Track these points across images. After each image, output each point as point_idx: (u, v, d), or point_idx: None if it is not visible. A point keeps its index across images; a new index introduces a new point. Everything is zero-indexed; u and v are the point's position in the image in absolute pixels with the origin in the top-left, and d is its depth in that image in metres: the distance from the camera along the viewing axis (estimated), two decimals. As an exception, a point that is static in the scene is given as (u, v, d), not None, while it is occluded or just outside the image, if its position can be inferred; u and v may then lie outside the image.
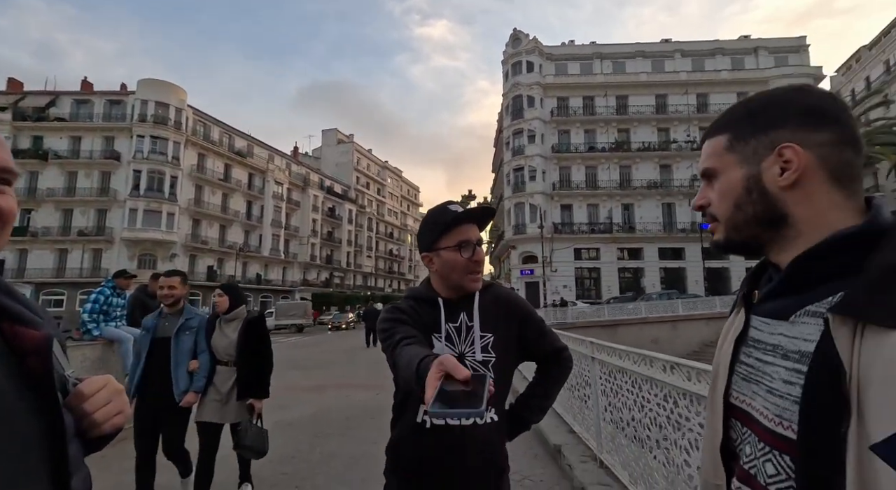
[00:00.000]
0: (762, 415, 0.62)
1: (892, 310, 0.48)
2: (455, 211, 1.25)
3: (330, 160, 64.96)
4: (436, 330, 1.24)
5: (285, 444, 4.82)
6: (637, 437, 2.91)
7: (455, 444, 1.17)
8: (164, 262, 35.66)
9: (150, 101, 36.30)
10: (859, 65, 40.36)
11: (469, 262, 1.23)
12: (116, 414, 0.65)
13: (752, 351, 0.67)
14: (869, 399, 0.48)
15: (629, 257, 35.83)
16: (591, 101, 38.28)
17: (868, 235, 0.56)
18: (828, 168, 0.61)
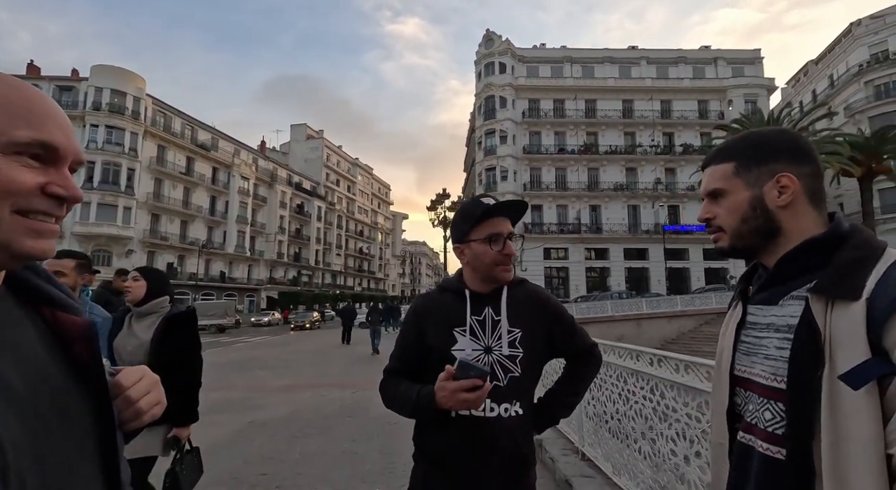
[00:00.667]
0: (761, 377, 0.82)
1: (852, 288, 0.70)
2: (487, 203, 1.27)
3: (299, 156, 63.40)
4: (460, 323, 1.26)
5: (263, 445, 4.69)
6: (621, 430, 3.00)
7: (478, 434, 1.19)
8: (121, 258, 33.83)
9: (105, 89, 34.26)
10: (807, 78, 43.12)
11: (499, 254, 1.25)
12: (156, 403, 0.65)
13: (751, 332, 0.87)
14: (838, 351, 0.68)
15: (596, 257, 36.88)
16: (562, 103, 39.14)
17: (832, 239, 0.79)
18: (808, 193, 0.83)
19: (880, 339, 0.65)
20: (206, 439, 4.85)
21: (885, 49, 34.60)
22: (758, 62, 40.64)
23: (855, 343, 0.67)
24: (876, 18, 36.16)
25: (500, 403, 1.21)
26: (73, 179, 0.54)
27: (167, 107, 39.74)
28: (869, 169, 25.05)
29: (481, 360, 1.23)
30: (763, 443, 0.79)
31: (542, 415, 1.35)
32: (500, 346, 1.24)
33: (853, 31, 36.82)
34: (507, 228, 1.28)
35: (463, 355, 1.21)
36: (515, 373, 1.23)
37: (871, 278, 0.69)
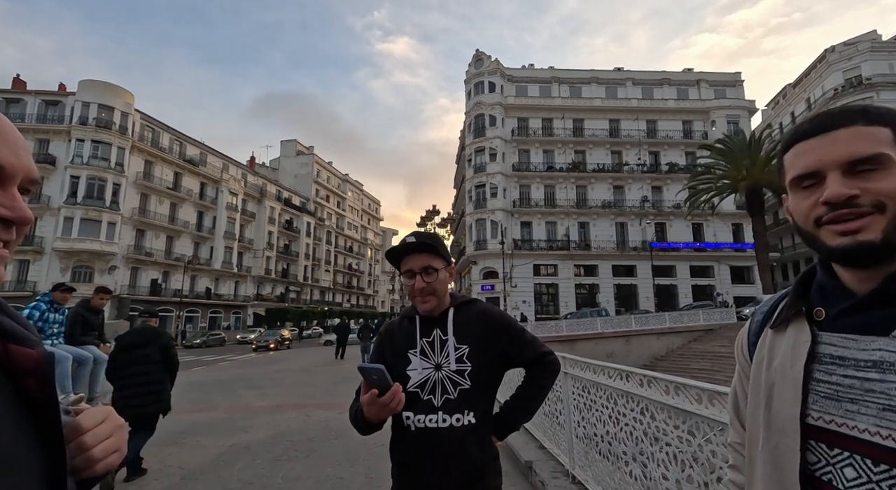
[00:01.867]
0: (877, 435, 0.60)
1: None
2: (400, 244, 1.42)
3: (288, 171, 63.34)
4: (412, 346, 1.42)
5: (244, 469, 4.51)
6: (612, 452, 2.95)
7: (431, 443, 1.32)
8: (103, 274, 33.10)
9: (92, 104, 34.07)
10: (785, 101, 44.68)
11: (412, 288, 1.39)
12: (114, 451, 0.57)
13: (836, 369, 0.66)
14: None
15: (585, 274, 37.07)
16: (550, 122, 39.86)
17: None
18: None
19: None
20: (187, 464, 4.69)
21: (857, 74, 36.10)
22: (739, 85, 42.01)
23: None
24: (849, 45, 37.84)
25: (451, 414, 1.33)
26: (21, 200, 0.50)
27: (155, 122, 39.59)
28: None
29: (430, 378, 1.37)
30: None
31: (501, 421, 1.45)
32: (449, 363, 1.36)
33: (828, 57, 38.41)
34: (419, 264, 1.38)
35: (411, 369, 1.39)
36: (465, 385, 1.34)
37: None
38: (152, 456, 4.98)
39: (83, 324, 4.92)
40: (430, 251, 1.39)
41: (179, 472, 4.48)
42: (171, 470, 4.52)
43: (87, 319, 4.97)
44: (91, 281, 31.37)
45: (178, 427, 6.49)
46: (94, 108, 34.08)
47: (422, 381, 1.36)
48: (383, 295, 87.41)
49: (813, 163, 0.67)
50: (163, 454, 5.04)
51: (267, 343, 28.52)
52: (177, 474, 4.40)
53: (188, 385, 11.66)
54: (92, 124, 33.62)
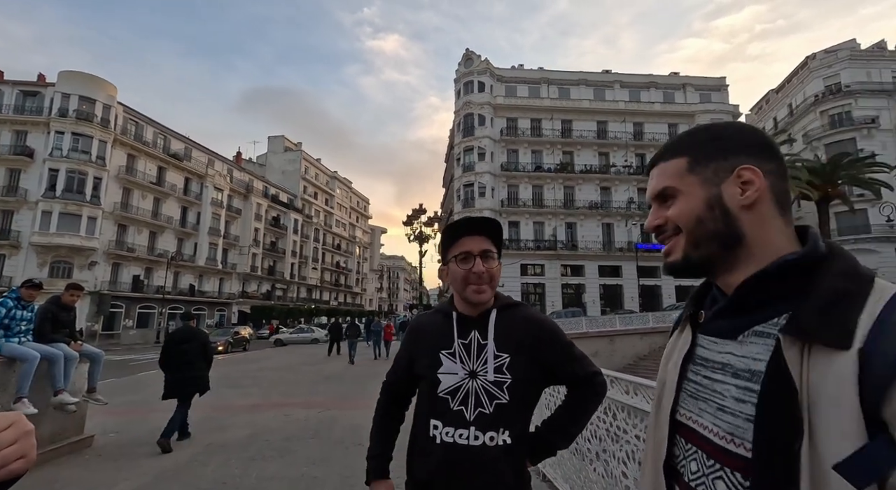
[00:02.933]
0: (712, 432, 0.64)
1: (840, 333, 0.53)
2: (456, 224, 1.30)
3: (276, 168, 62.66)
4: (446, 346, 1.26)
5: (217, 469, 4.47)
6: (578, 450, 3.00)
7: (461, 462, 1.17)
8: (82, 270, 32.40)
9: (72, 95, 33.24)
10: (768, 106, 45.55)
11: (468, 272, 1.24)
12: (19, 458, 0.55)
13: (700, 369, 0.69)
14: (820, 417, 0.51)
15: (571, 274, 37.41)
16: (539, 123, 40.08)
17: (809, 261, 0.61)
18: (775, 194, 0.66)
19: (878, 407, 0.49)
20: (157, 464, 4.63)
21: (837, 81, 36.97)
22: (723, 89, 42.73)
23: (844, 410, 0.50)
24: (830, 53, 38.72)
25: (485, 431, 1.17)
26: None
27: (139, 115, 38.82)
28: (825, 193, 26.43)
29: (464, 387, 1.21)
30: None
31: (537, 445, 1.29)
32: (486, 372, 1.20)
33: (809, 64, 39.27)
34: (480, 247, 1.26)
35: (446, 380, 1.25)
36: (502, 399, 1.18)
37: (862, 320, 0.53)
38: (125, 455, 4.92)
39: (53, 321, 4.82)
40: (490, 235, 1.28)
41: (152, 471, 4.43)
42: (144, 469, 4.47)
43: (57, 316, 4.87)
44: (70, 276, 30.67)
45: (154, 426, 6.39)
46: (75, 100, 33.28)
47: (453, 388, 1.21)
48: (371, 293, 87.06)
49: (647, 198, 0.77)
50: (136, 454, 4.98)
51: (215, 345, 22.15)
52: (149, 474, 4.35)
53: (167, 383, 11.48)
54: (72, 116, 32.82)
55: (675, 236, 0.70)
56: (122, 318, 35.29)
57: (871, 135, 34.54)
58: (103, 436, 5.57)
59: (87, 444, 5.18)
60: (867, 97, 35.51)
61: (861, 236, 32.95)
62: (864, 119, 34.93)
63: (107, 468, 4.51)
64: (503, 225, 30.02)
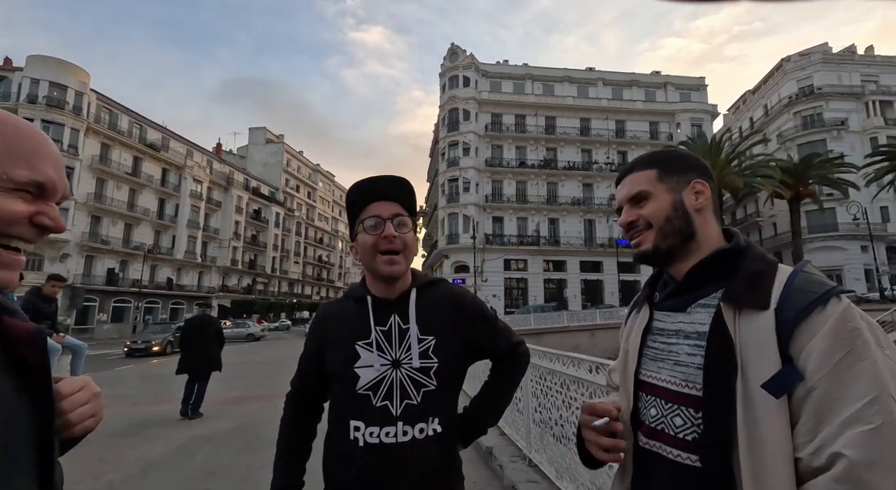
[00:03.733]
0: (670, 382, 0.83)
1: (760, 298, 0.74)
2: (362, 188, 1.16)
3: (257, 160, 61.49)
4: (363, 336, 1.10)
5: (206, 460, 4.49)
6: (564, 435, 3.14)
7: (389, 463, 1.04)
8: (54, 262, 31.36)
9: (42, 81, 31.94)
10: (745, 106, 46.82)
11: (378, 238, 1.09)
12: (91, 416, 0.63)
13: (658, 337, 0.89)
14: (748, 358, 0.72)
15: (554, 269, 37.94)
16: (523, 119, 40.34)
17: (735, 252, 0.84)
18: (712, 205, 0.89)
19: (787, 346, 0.69)
20: (144, 456, 4.62)
21: (810, 84, 38.22)
22: (703, 89, 43.70)
23: (766, 351, 0.70)
24: (803, 56, 39.98)
25: (413, 424, 1.06)
26: (58, 212, 0.60)
27: (113, 103, 37.56)
28: (797, 192, 27.42)
29: (386, 379, 1.07)
30: (673, 449, 0.80)
31: (468, 426, 1.23)
32: (411, 359, 1.08)
33: (784, 67, 40.47)
34: (389, 211, 1.11)
35: (367, 372, 1.08)
36: (430, 386, 1.08)
37: (774, 290, 0.74)
38: (109, 448, 4.88)
39: (34, 312, 4.74)
40: (403, 201, 1.16)
41: (139, 462, 4.42)
42: (131, 461, 4.46)
43: (38, 308, 4.79)
44: (41, 269, 29.65)
45: (138, 419, 6.35)
46: (45, 86, 31.99)
47: (374, 382, 1.07)
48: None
49: (617, 201, 0.98)
50: (121, 446, 4.95)
51: (148, 345, 18.33)
52: (136, 465, 4.34)
53: (147, 377, 11.32)
54: (42, 103, 31.55)
55: (646, 231, 0.89)
56: (96, 311, 34.33)
57: (840, 136, 35.88)
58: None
59: (69, 437, 5.11)
60: (837, 100, 36.84)
61: (830, 234, 34.31)
62: (834, 121, 36.25)
63: (92, 460, 4.47)
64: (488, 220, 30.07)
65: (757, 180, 26.07)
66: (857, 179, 27.79)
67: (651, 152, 0.97)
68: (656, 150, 0.98)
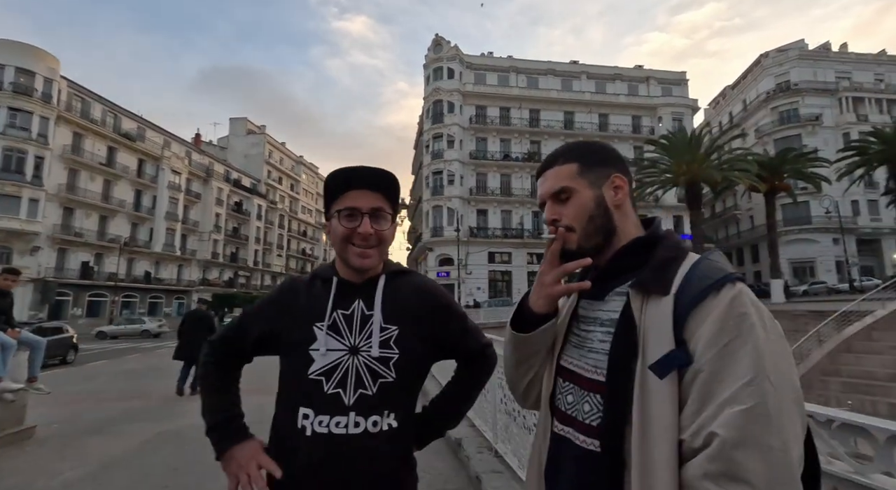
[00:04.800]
0: (584, 369, 0.84)
1: (663, 284, 0.75)
2: (343, 175, 1.10)
3: (238, 151, 60.25)
4: (321, 317, 1.06)
5: (170, 456, 4.40)
6: (525, 425, 3.16)
7: (339, 454, 0.98)
8: (24, 255, 30.34)
9: (7, 67, 30.60)
10: (725, 101, 47.61)
11: (352, 231, 1.05)
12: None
13: (580, 325, 0.89)
14: (648, 342, 0.72)
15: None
16: (507, 111, 40.31)
17: (651, 240, 0.85)
18: (630, 197, 0.90)
19: (681, 331, 0.70)
20: (104, 453, 4.51)
21: (787, 80, 39.03)
22: (684, 84, 44.22)
23: (663, 335, 0.71)
24: (781, 52, 40.75)
25: (367, 416, 1.00)
26: None
27: (85, 91, 36.26)
28: (773, 186, 28.03)
29: (341, 365, 1.03)
30: (580, 435, 0.80)
31: (426, 427, 1.18)
32: (370, 347, 1.03)
33: (762, 62, 41.20)
34: (370, 203, 1.07)
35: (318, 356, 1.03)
36: (388, 378, 1.03)
37: (678, 276, 0.75)
38: (70, 445, 4.75)
39: (-12, 307, 4.55)
40: (385, 192, 1.10)
41: (99, 460, 4.30)
42: (91, 458, 4.34)
43: (-9, 302, 4.60)
44: (10, 262, 28.64)
45: (103, 416, 6.19)
46: (11, 72, 30.67)
47: (328, 368, 1.02)
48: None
49: (540, 196, 0.94)
50: (81, 443, 4.82)
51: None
52: (95, 462, 4.23)
53: (119, 373, 11.05)
54: (8, 89, 30.29)
55: (570, 232, 0.88)
56: (70, 306, 33.39)
57: (814, 131, 36.80)
58: (46, 427, 5.33)
59: (28, 435, 4.96)
60: (813, 95, 37.71)
61: (803, 227, 35.30)
62: (809, 116, 37.13)
63: (50, 458, 4.35)
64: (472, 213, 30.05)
65: (735, 174, 26.55)
66: (830, 174, 28.59)
67: (571, 144, 0.94)
68: (575, 142, 0.95)
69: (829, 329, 13.89)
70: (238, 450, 1.07)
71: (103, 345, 22.29)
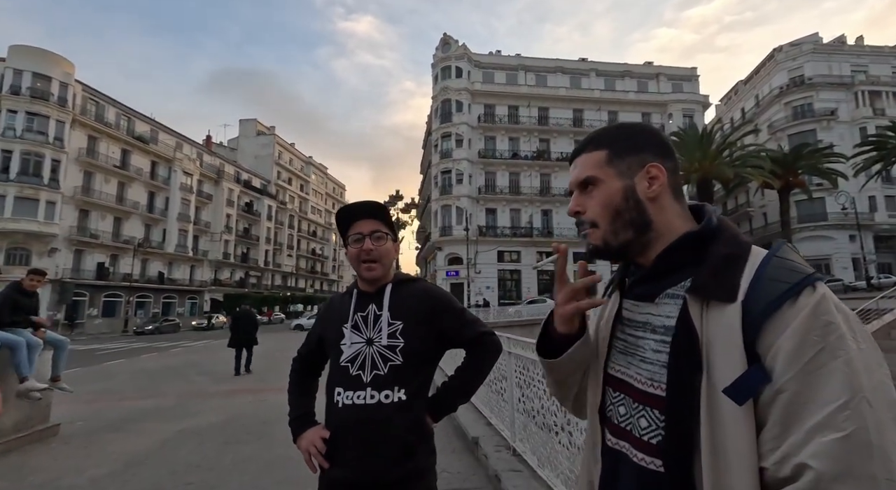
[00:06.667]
0: (636, 380, 0.76)
1: (728, 289, 0.66)
2: (346, 210, 1.47)
3: (248, 152, 60.83)
4: (346, 320, 1.41)
5: (191, 453, 4.47)
6: (545, 424, 3.16)
7: (357, 419, 1.29)
8: (42, 256, 30.95)
9: (25, 72, 31.23)
10: (737, 96, 46.89)
11: (360, 251, 1.40)
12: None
13: (626, 328, 0.81)
14: (715, 357, 0.64)
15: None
16: (516, 110, 40.13)
17: (706, 234, 0.74)
18: (672, 186, 0.79)
19: (754, 344, 0.62)
20: (127, 450, 4.60)
21: (801, 74, 38.32)
22: (694, 79, 43.65)
23: (732, 349, 0.63)
24: (794, 46, 40.01)
25: (380, 390, 1.30)
26: None
27: (99, 94, 36.86)
28: (787, 182, 27.61)
29: (361, 353, 1.35)
30: (638, 452, 0.73)
31: (437, 402, 1.44)
32: (381, 338, 1.35)
33: (775, 57, 40.49)
34: (370, 228, 1.41)
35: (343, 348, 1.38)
36: (396, 361, 1.32)
37: (744, 278, 0.66)
38: (93, 443, 4.85)
39: (13, 307, 4.66)
40: (380, 218, 1.45)
41: (123, 457, 4.39)
42: (114, 456, 4.42)
43: (17, 302, 4.71)
44: (28, 264, 29.26)
45: (123, 414, 6.31)
46: (28, 77, 31.28)
47: (352, 356, 1.34)
48: (348, 280, 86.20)
49: (569, 185, 0.88)
50: (104, 441, 4.91)
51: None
52: (119, 460, 4.31)
53: (137, 372, 11.25)
54: (26, 94, 30.88)
55: (594, 228, 0.81)
56: (86, 306, 34.01)
57: (829, 126, 36.10)
58: (70, 424, 5.45)
59: (52, 432, 5.07)
60: (827, 90, 36.99)
61: (819, 223, 34.68)
62: (824, 111, 36.43)
63: (76, 455, 4.45)
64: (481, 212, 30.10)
65: (747, 171, 26.19)
66: (846, 169, 28.03)
67: (604, 128, 0.85)
68: (610, 126, 0.86)
69: (846, 327, 13.62)
70: (306, 433, 1.41)
71: (118, 344, 22.64)
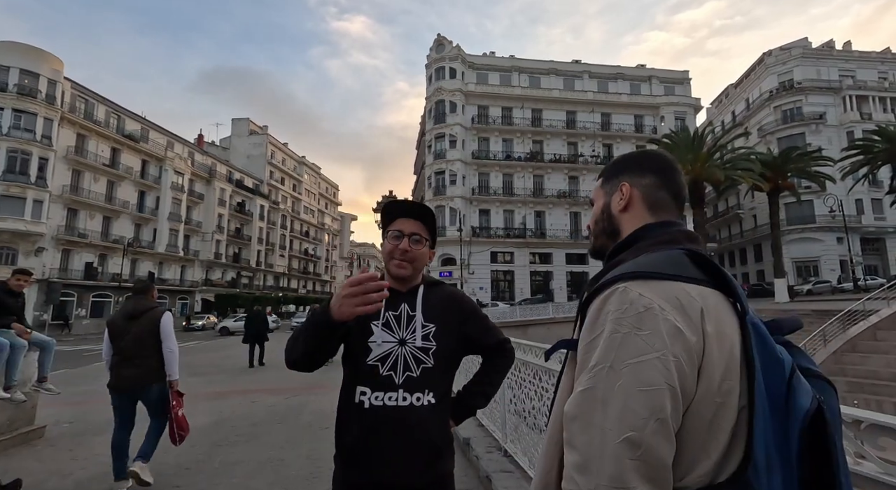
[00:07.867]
0: None
1: (588, 290, 0.80)
2: (394, 205, 1.46)
3: (240, 152, 60.33)
4: (376, 316, 1.33)
5: (180, 456, 4.41)
6: (536, 425, 3.16)
7: (391, 421, 1.26)
8: (28, 256, 30.45)
9: (12, 68, 30.72)
10: (728, 100, 47.43)
11: (395, 248, 1.37)
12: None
13: None
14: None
15: (540, 261, 38.21)
16: (510, 111, 40.26)
17: (630, 241, 0.86)
18: (647, 201, 0.89)
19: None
20: (114, 452, 4.51)
21: (790, 78, 38.86)
22: (686, 83, 44.10)
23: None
24: (784, 50, 40.55)
25: (412, 393, 1.29)
26: None
27: (89, 92, 36.36)
28: (776, 185, 27.92)
29: (393, 353, 1.32)
30: None
31: (459, 405, 1.47)
32: (415, 339, 1.33)
33: (765, 61, 41.02)
34: (411, 229, 1.39)
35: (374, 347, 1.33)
36: (428, 364, 1.31)
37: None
38: (80, 445, 4.78)
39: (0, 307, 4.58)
40: (424, 222, 1.42)
41: (109, 460, 4.32)
42: (101, 458, 4.35)
43: (2, 303, 4.63)
44: (14, 263, 28.80)
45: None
46: (15, 74, 30.78)
47: (383, 356, 1.31)
48: (341, 281, 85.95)
49: None
50: (91, 443, 4.84)
51: None
52: (106, 463, 4.24)
53: (126, 373, 11.09)
54: (13, 91, 30.38)
55: (594, 236, 0.98)
56: (74, 306, 33.53)
57: (818, 130, 36.64)
58: (56, 426, 5.37)
59: (38, 435, 4.99)
60: (816, 94, 37.55)
61: (807, 226, 35.16)
62: (812, 115, 36.97)
63: (61, 457, 4.38)
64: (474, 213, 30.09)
65: (738, 173, 26.45)
66: (834, 172, 28.44)
67: (612, 160, 1.03)
68: (614, 159, 1.03)
69: (833, 328, 13.84)
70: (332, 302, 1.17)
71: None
